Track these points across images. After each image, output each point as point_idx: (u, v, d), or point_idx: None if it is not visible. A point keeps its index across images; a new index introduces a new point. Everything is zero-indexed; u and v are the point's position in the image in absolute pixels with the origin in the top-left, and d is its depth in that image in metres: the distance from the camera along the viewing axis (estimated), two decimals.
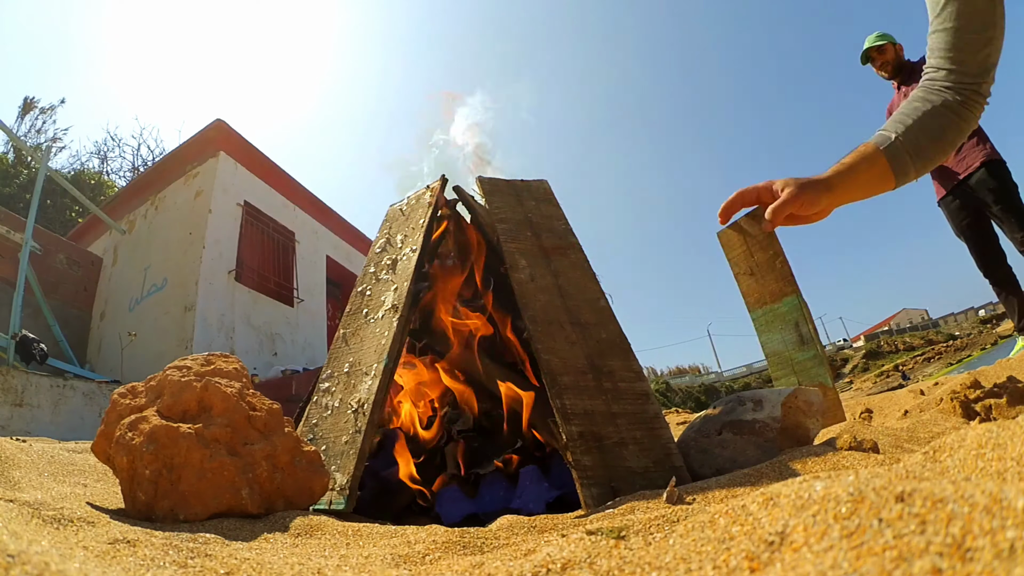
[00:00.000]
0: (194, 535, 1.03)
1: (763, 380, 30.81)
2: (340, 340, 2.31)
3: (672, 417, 6.37)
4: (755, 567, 0.44)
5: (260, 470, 1.43)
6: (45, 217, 11.93)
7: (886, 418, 3.31)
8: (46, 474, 1.58)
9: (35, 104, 17.65)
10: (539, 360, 1.94)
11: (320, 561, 0.98)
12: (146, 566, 0.82)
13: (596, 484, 1.65)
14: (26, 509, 1.01)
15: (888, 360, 28.43)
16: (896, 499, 0.41)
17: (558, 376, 1.90)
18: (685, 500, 1.29)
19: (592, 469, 1.68)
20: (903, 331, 34.25)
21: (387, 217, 2.70)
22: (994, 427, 0.66)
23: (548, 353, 1.96)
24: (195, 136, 8.48)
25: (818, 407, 1.91)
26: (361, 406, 1.92)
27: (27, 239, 6.63)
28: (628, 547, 0.63)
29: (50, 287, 7.58)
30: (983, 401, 2.57)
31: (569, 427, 1.77)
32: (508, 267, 2.23)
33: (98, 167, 19.13)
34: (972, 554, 0.33)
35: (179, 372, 1.57)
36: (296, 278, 9.23)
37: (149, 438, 1.32)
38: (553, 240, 2.44)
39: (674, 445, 1.84)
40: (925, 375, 20.75)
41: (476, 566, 0.74)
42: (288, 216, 9.44)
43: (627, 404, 1.95)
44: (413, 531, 1.21)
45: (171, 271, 7.63)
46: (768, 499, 0.54)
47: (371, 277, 2.44)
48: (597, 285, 2.33)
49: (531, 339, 2.00)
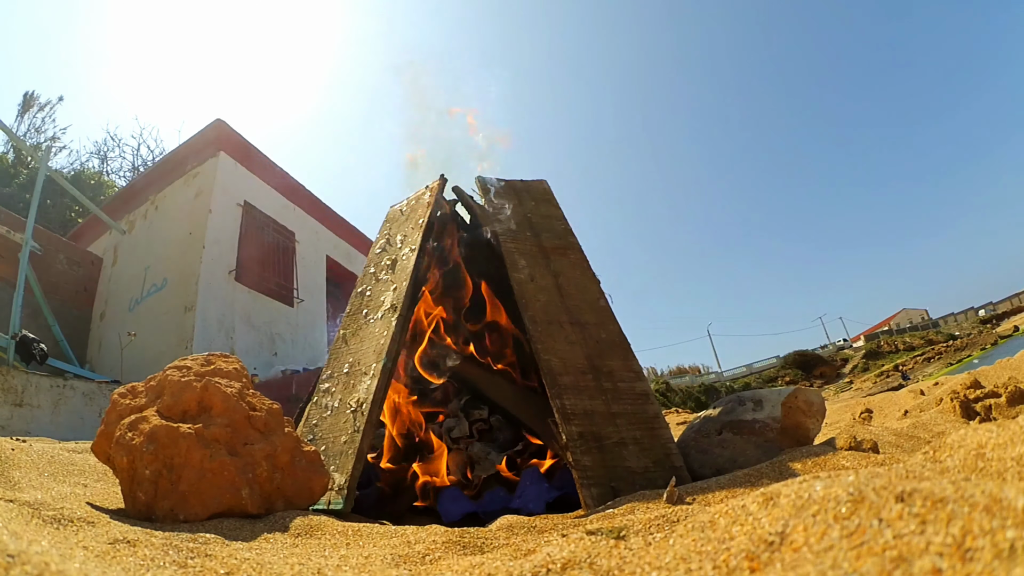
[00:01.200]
0: (194, 535, 1.03)
1: (763, 380, 30.81)
2: (340, 340, 2.32)
3: (672, 417, 6.36)
4: (755, 567, 0.44)
5: (260, 470, 1.43)
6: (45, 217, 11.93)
7: (886, 418, 3.31)
8: (46, 474, 1.57)
9: (35, 100, 17.64)
10: (539, 360, 1.95)
11: (320, 561, 0.98)
12: (146, 566, 0.82)
13: (596, 484, 1.65)
14: (26, 509, 1.00)
15: (888, 360, 28.42)
16: (896, 499, 0.41)
17: (558, 376, 1.90)
18: (685, 500, 1.29)
19: (592, 469, 1.69)
20: (903, 331, 34.24)
21: (387, 218, 2.71)
22: (994, 427, 0.66)
23: (548, 353, 1.96)
24: (195, 136, 8.48)
25: (818, 407, 1.91)
26: (360, 406, 1.92)
27: (27, 239, 6.63)
28: (628, 547, 0.63)
29: (50, 287, 7.58)
30: (983, 401, 2.57)
31: (569, 427, 1.77)
32: (507, 267, 2.23)
33: (98, 167, 19.13)
34: (972, 554, 0.33)
35: (179, 372, 1.57)
36: (296, 278, 9.23)
37: (149, 438, 1.32)
38: (553, 240, 2.44)
39: (674, 445, 1.84)
40: (925, 375, 20.75)
41: (476, 566, 0.74)
42: (288, 216, 9.44)
43: (627, 404, 1.95)
44: (413, 531, 1.21)
45: (171, 271, 7.63)
46: (768, 499, 0.54)
47: (371, 277, 2.44)
48: (597, 285, 2.33)
49: (531, 339, 2.00)
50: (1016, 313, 30.86)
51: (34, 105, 17.79)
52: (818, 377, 29.71)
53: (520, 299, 2.11)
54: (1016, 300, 32.53)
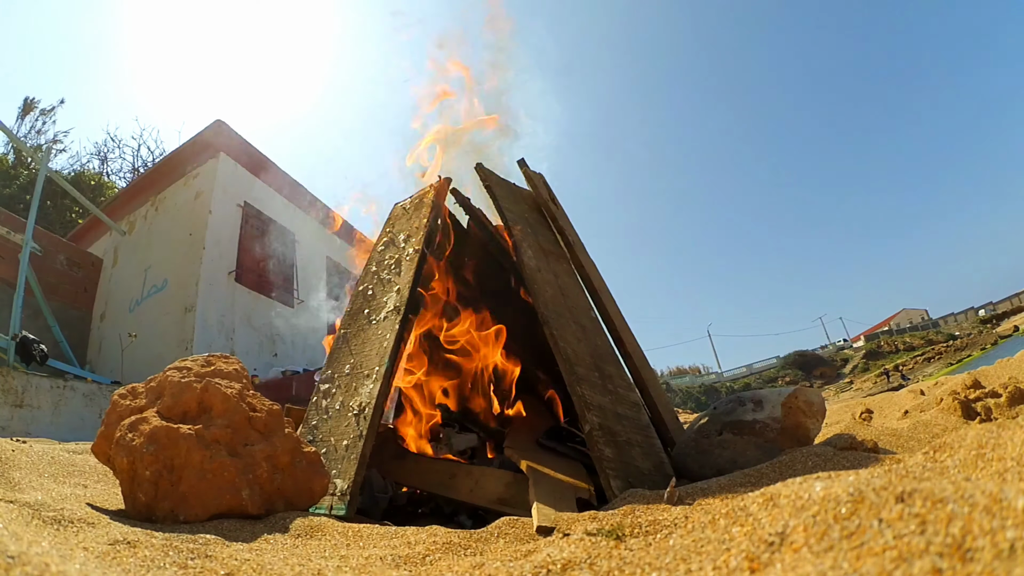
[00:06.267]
0: (194, 536, 1.03)
1: (763, 380, 30.81)
2: (341, 340, 2.31)
3: None
4: (755, 567, 0.44)
5: (260, 471, 1.43)
6: (45, 218, 11.93)
7: (886, 418, 3.31)
8: (46, 475, 1.57)
9: (35, 105, 17.67)
10: (555, 344, 1.95)
11: (320, 562, 0.98)
12: (146, 567, 0.82)
13: (618, 476, 1.66)
14: (27, 510, 1.01)
15: (888, 360, 28.42)
16: (896, 499, 0.41)
17: (575, 365, 1.92)
18: (685, 501, 1.29)
19: (614, 461, 1.70)
20: (903, 331, 34.25)
21: (391, 215, 2.70)
22: (994, 427, 0.67)
23: (563, 341, 1.97)
24: (195, 137, 8.49)
25: (819, 407, 1.91)
26: (363, 410, 1.91)
27: (27, 240, 6.63)
28: (628, 547, 0.63)
29: (50, 288, 7.58)
30: (983, 401, 2.57)
31: (590, 415, 1.78)
32: (517, 252, 2.23)
33: (98, 168, 19.13)
34: (972, 554, 0.33)
35: (179, 373, 1.57)
36: (296, 279, 9.24)
37: (149, 439, 1.32)
38: (549, 244, 2.46)
39: (666, 456, 1.88)
40: (925, 375, 20.74)
41: (476, 567, 0.74)
42: (288, 216, 9.45)
43: (627, 408, 1.96)
44: (413, 532, 1.21)
45: (171, 272, 7.64)
46: (768, 500, 0.54)
47: (373, 276, 2.43)
48: (587, 298, 2.38)
49: (546, 323, 2.00)
50: (1016, 313, 30.86)
51: (35, 108, 17.81)
52: (818, 377, 29.72)
53: (531, 285, 2.13)
54: (1016, 300, 32.53)
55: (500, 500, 1.81)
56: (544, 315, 2.01)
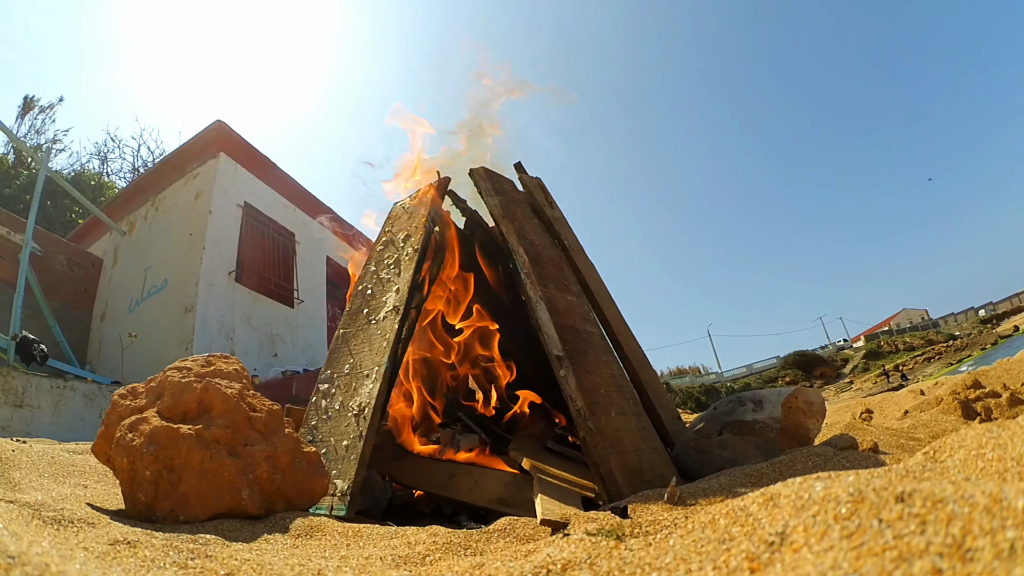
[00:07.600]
0: (194, 536, 1.03)
1: (763, 380, 30.80)
2: (340, 340, 2.30)
3: None
4: (755, 567, 0.44)
5: (260, 471, 1.43)
6: (45, 218, 11.93)
7: (886, 418, 3.31)
8: (46, 475, 1.57)
9: (35, 103, 17.66)
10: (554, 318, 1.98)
11: (320, 562, 0.98)
12: (146, 567, 0.82)
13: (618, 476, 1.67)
14: (27, 510, 1.00)
15: (888, 360, 28.42)
16: (896, 499, 0.41)
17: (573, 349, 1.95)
18: (685, 501, 1.29)
19: (614, 462, 1.71)
20: (903, 331, 34.24)
21: (390, 215, 2.70)
22: (994, 427, 0.67)
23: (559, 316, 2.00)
24: (195, 137, 8.48)
25: (818, 407, 1.91)
26: (363, 410, 1.91)
27: (27, 240, 6.63)
28: (628, 548, 0.63)
29: (50, 288, 7.57)
30: (983, 401, 2.57)
31: (594, 396, 1.80)
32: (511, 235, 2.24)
33: (98, 168, 19.13)
34: (972, 554, 0.33)
35: (179, 373, 1.57)
36: (296, 279, 9.23)
37: (149, 439, 1.32)
38: (544, 248, 2.47)
39: (666, 456, 1.90)
40: (925, 375, 20.74)
41: (476, 567, 0.74)
42: (288, 216, 9.44)
43: (626, 409, 1.97)
44: (413, 532, 1.21)
45: (171, 272, 7.63)
46: (768, 499, 0.54)
47: (372, 275, 2.43)
48: (585, 303, 2.40)
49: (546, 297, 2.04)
50: (1016, 313, 30.87)
51: (34, 107, 17.80)
52: (818, 377, 29.70)
53: (535, 263, 2.16)
54: (1016, 300, 32.53)
55: (500, 500, 1.81)
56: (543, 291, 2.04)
